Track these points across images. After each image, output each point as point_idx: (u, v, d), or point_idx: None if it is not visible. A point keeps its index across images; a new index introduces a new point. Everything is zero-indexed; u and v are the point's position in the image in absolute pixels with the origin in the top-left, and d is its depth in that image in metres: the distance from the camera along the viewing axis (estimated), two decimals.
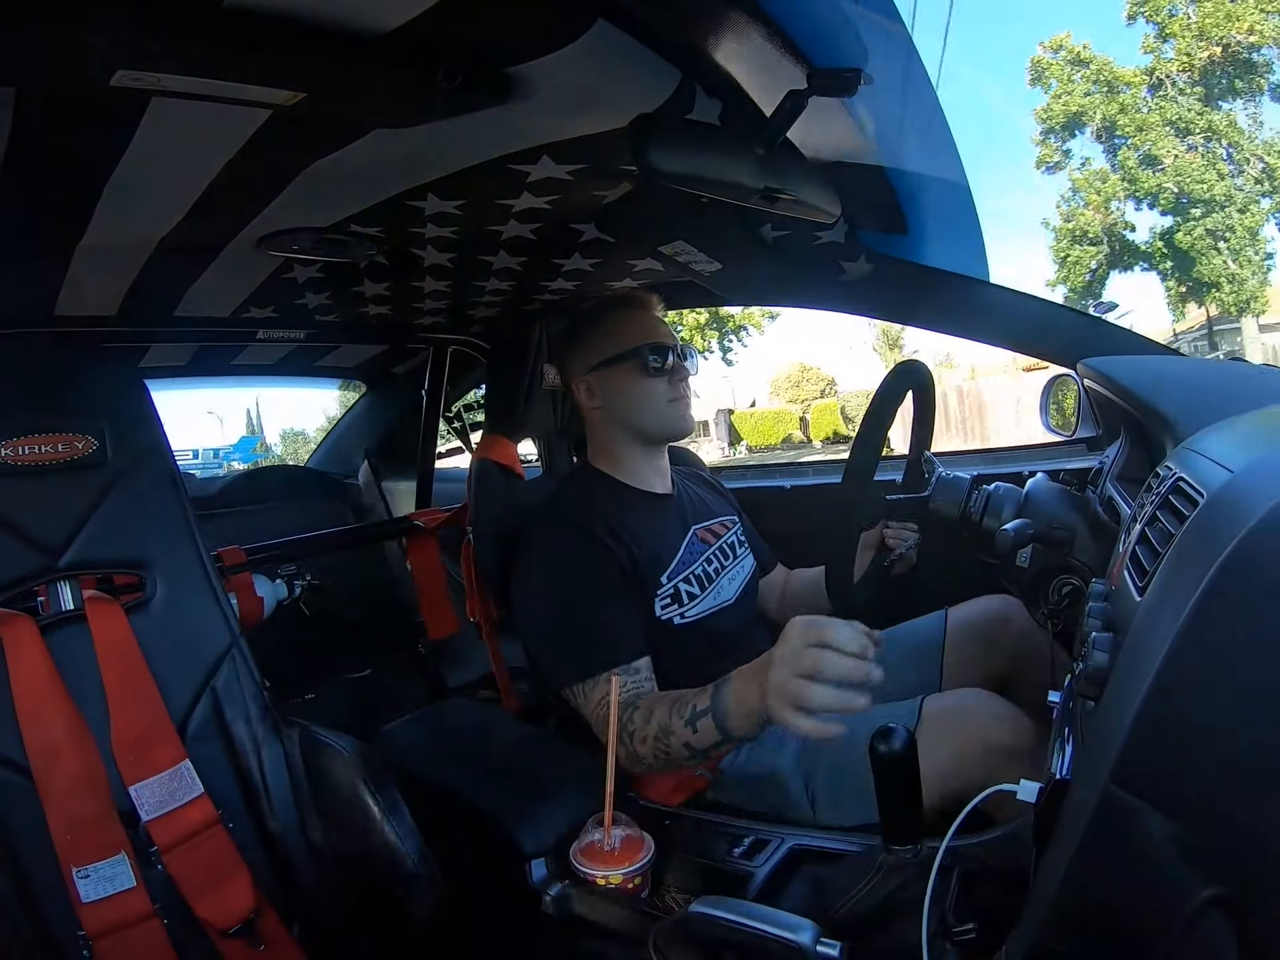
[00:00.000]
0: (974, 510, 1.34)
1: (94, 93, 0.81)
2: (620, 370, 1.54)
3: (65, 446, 1.21)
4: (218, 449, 18.67)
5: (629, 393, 1.55)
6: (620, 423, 1.58)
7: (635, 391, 1.55)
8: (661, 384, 1.54)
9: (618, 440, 1.60)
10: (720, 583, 1.58)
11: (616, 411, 1.57)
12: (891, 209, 1.50)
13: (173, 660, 1.25)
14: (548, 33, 0.83)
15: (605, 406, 1.57)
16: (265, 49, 0.78)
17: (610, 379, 1.55)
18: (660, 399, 1.55)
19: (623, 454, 1.60)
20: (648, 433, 1.58)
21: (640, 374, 1.53)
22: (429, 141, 1.03)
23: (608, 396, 1.56)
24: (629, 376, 1.54)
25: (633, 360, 1.53)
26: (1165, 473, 0.88)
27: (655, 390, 1.54)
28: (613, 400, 1.56)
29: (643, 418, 1.57)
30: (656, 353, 1.53)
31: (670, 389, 1.55)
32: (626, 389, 1.55)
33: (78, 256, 1.28)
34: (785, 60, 0.93)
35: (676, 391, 1.56)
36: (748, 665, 1.11)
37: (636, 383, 1.54)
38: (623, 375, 1.54)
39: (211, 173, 1.06)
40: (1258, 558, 0.54)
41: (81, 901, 1.08)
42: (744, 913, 0.91)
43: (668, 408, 1.56)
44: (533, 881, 1.18)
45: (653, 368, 1.53)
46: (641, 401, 1.55)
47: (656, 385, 1.54)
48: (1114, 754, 0.59)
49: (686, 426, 1.61)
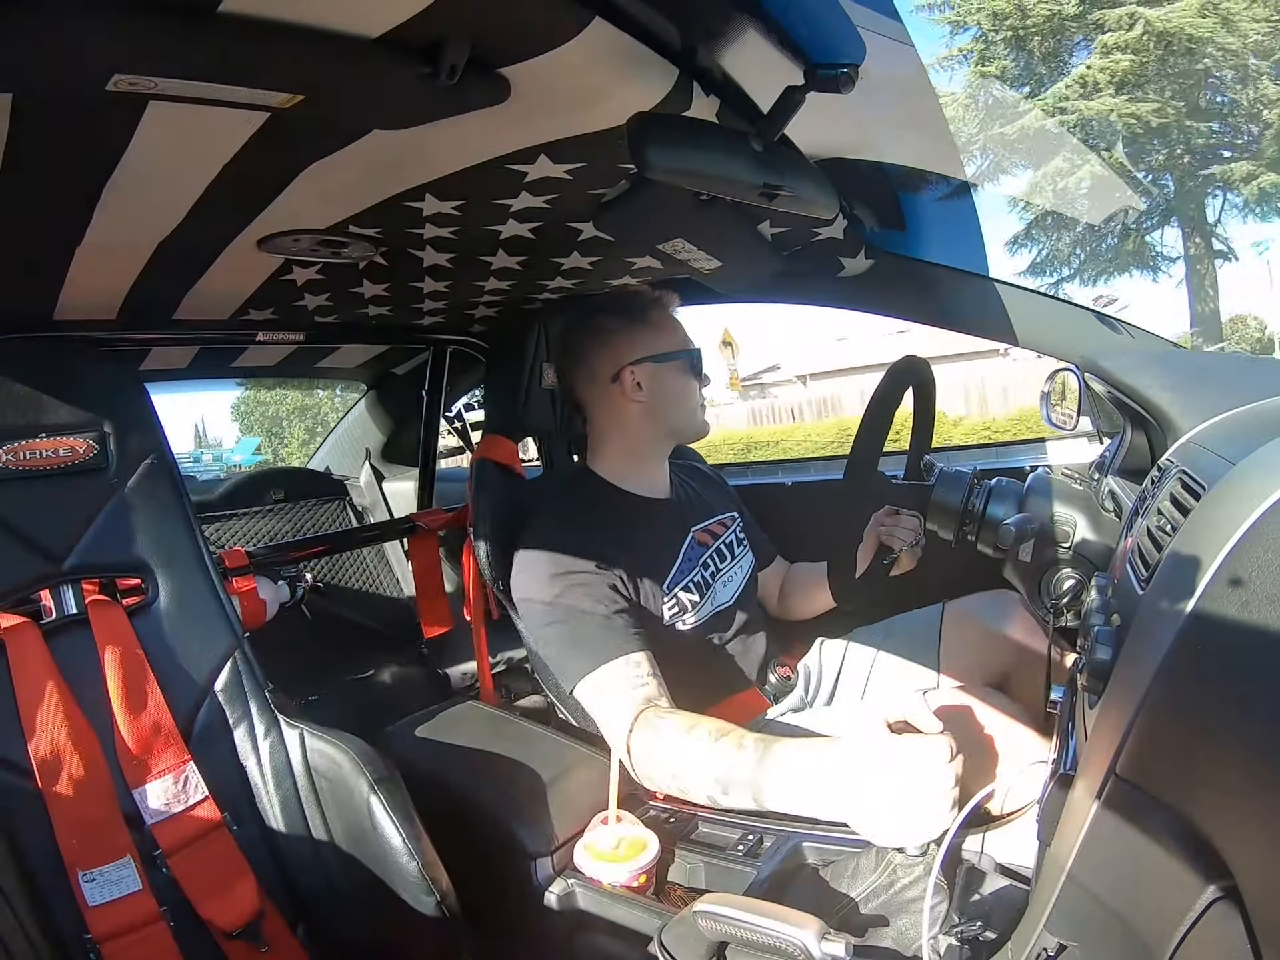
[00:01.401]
0: (976, 504, 1.34)
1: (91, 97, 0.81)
2: (674, 367, 1.58)
3: (67, 451, 1.22)
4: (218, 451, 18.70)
5: (678, 391, 1.59)
6: (659, 418, 1.59)
7: (683, 391, 1.59)
8: (698, 387, 1.61)
9: (642, 439, 1.61)
10: (717, 586, 1.58)
11: (659, 407, 1.58)
12: (890, 204, 1.50)
13: (176, 663, 1.25)
14: (544, 32, 0.83)
15: (649, 401, 1.58)
16: (262, 51, 0.78)
17: (663, 374, 1.58)
18: (697, 404, 1.62)
19: (635, 456, 1.62)
20: (682, 432, 1.64)
21: (689, 374, 1.59)
22: (427, 142, 1.03)
23: (656, 390, 1.58)
24: (680, 375, 1.59)
25: (685, 360, 1.59)
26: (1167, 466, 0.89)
27: (694, 394, 1.61)
28: (660, 395, 1.58)
29: (682, 416, 1.61)
30: (700, 357, 1.61)
31: (700, 393, 1.62)
32: (676, 386, 1.59)
33: (77, 260, 1.28)
34: (783, 56, 0.92)
35: (703, 395, 1.64)
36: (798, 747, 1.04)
37: (686, 384, 1.59)
38: (676, 372, 1.58)
39: (210, 175, 1.06)
40: (1260, 550, 0.54)
41: (88, 905, 1.08)
42: (749, 911, 0.91)
43: (699, 412, 1.62)
44: (537, 880, 1.18)
45: (698, 372, 1.60)
46: (686, 401, 1.60)
47: (696, 389, 1.61)
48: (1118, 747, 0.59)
49: (708, 429, 1.66)
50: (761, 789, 1.03)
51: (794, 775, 1.01)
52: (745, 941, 0.91)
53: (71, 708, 1.14)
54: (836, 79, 0.92)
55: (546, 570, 1.40)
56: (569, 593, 1.35)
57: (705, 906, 0.93)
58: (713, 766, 1.08)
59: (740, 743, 1.08)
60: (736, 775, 1.06)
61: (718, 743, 1.10)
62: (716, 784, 1.08)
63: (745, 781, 1.05)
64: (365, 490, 2.92)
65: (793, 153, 1.11)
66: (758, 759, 1.05)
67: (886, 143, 1.29)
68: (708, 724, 1.14)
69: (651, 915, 1.06)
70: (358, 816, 1.16)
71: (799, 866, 1.14)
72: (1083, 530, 1.26)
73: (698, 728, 1.14)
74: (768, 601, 1.81)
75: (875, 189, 1.43)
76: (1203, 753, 0.55)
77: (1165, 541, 0.70)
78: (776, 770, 1.03)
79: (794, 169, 1.09)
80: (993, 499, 1.33)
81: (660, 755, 1.16)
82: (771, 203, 1.08)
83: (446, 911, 1.11)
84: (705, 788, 1.10)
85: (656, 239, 1.36)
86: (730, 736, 1.10)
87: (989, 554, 1.35)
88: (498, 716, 1.59)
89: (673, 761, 1.14)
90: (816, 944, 0.85)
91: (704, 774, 1.09)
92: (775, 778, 1.02)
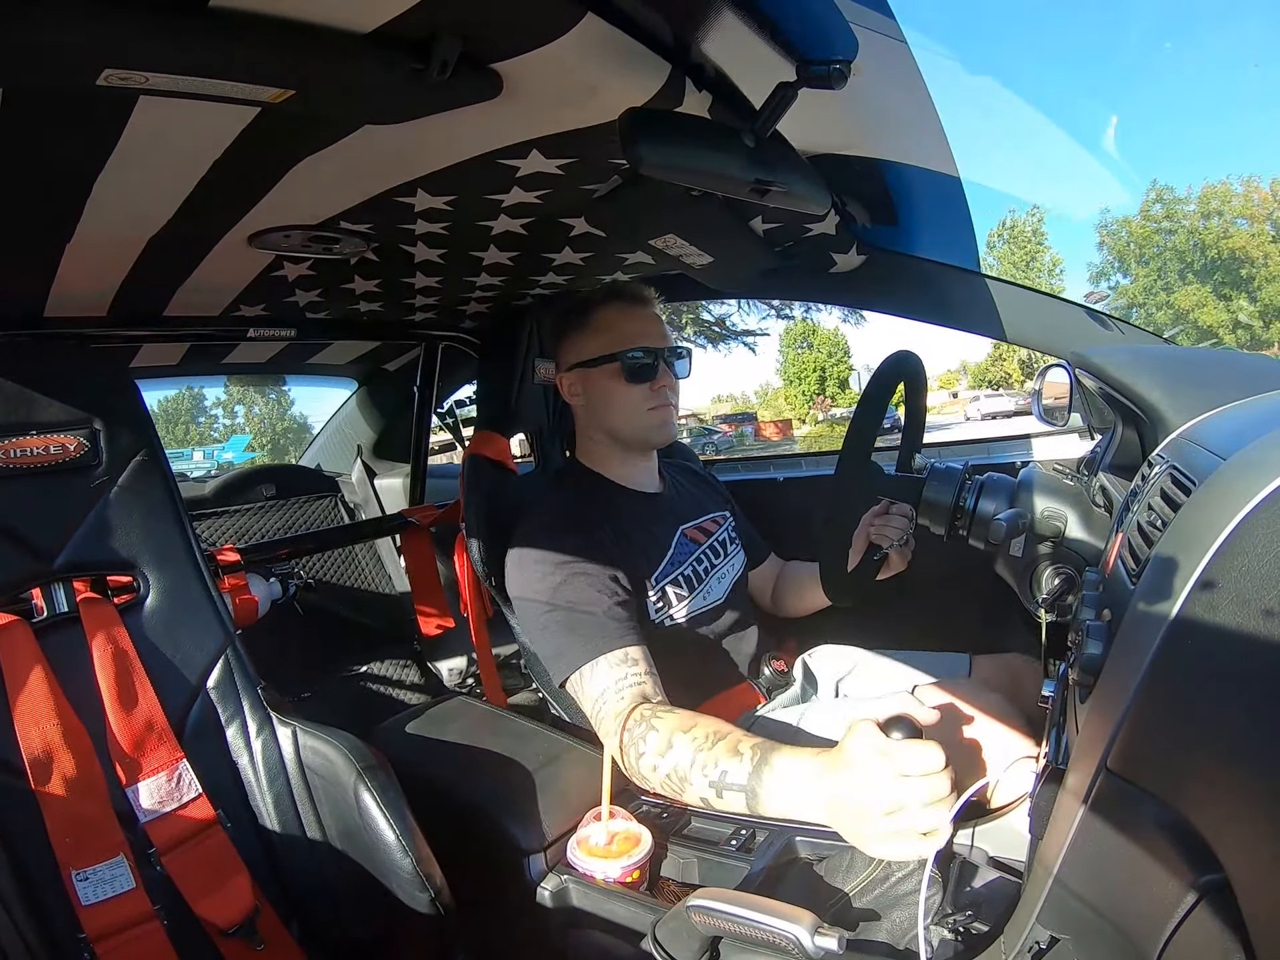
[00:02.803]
0: (967, 500, 1.34)
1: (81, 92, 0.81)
2: (602, 372, 1.53)
3: (57, 448, 1.21)
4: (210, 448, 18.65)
5: (608, 397, 1.53)
6: (600, 425, 1.57)
7: (614, 397, 1.53)
8: (641, 391, 1.52)
9: (599, 440, 1.59)
10: (709, 583, 1.58)
11: (596, 414, 1.56)
12: (882, 201, 1.50)
13: (168, 660, 1.25)
14: (536, 26, 0.83)
15: (586, 406, 1.57)
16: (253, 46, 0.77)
17: (591, 380, 1.54)
18: (638, 406, 1.53)
19: (607, 453, 1.60)
20: (627, 439, 1.57)
21: (619, 379, 1.51)
22: (418, 137, 1.02)
23: (588, 396, 1.56)
24: (609, 380, 1.52)
25: (614, 364, 1.51)
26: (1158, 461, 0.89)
27: (633, 397, 1.52)
28: (593, 402, 1.56)
29: (620, 423, 1.55)
30: (641, 357, 1.51)
31: (652, 396, 1.52)
32: (606, 393, 1.53)
33: (67, 257, 1.28)
34: (775, 52, 0.92)
35: (658, 398, 1.53)
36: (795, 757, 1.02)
37: (616, 388, 1.52)
38: (603, 378, 1.53)
39: (200, 171, 1.06)
40: (1250, 545, 0.54)
41: (81, 904, 1.08)
42: (742, 906, 0.91)
43: (646, 416, 1.53)
44: (531, 876, 1.18)
45: (633, 374, 1.51)
46: (620, 407, 1.53)
47: (635, 392, 1.52)
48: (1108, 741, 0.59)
49: (665, 435, 1.57)
50: (757, 797, 1.03)
51: (790, 786, 1.00)
52: (739, 936, 0.91)
53: (63, 706, 1.13)
54: (829, 75, 0.92)
55: (541, 565, 1.39)
56: (564, 587, 1.35)
57: (699, 901, 0.94)
58: (708, 770, 1.07)
59: (736, 748, 1.07)
60: (731, 781, 1.05)
61: (714, 747, 1.09)
62: (711, 788, 1.07)
63: (740, 788, 1.04)
64: (357, 487, 2.91)
65: (785, 149, 1.11)
66: (753, 767, 1.03)
67: (879, 139, 1.29)
68: (704, 726, 1.13)
69: (645, 910, 1.06)
70: (351, 813, 1.16)
71: (792, 861, 1.14)
72: (1074, 526, 1.26)
73: (694, 729, 1.13)
74: (761, 599, 1.81)
75: (867, 185, 1.43)
76: (1192, 746, 0.56)
77: (1155, 537, 0.70)
78: (772, 780, 1.02)
79: (786, 165, 1.09)
80: (984, 494, 1.33)
81: (654, 755, 1.14)
82: (763, 199, 1.08)
83: (440, 907, 1.12)
84: (699, 790, 1.09)
85: (648, 235, 1.36)
86: (726, 740, 1.09)
87: (980, 549, 1.35)
88: (490, 712, 1.59)
89: (667, 762, 1.13)
90: (810, 938, 0.85)
91: (698, 777, 1.08)
92: (771, 787, 1.01)
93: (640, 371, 1.51)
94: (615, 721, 1.21)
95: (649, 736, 1.16)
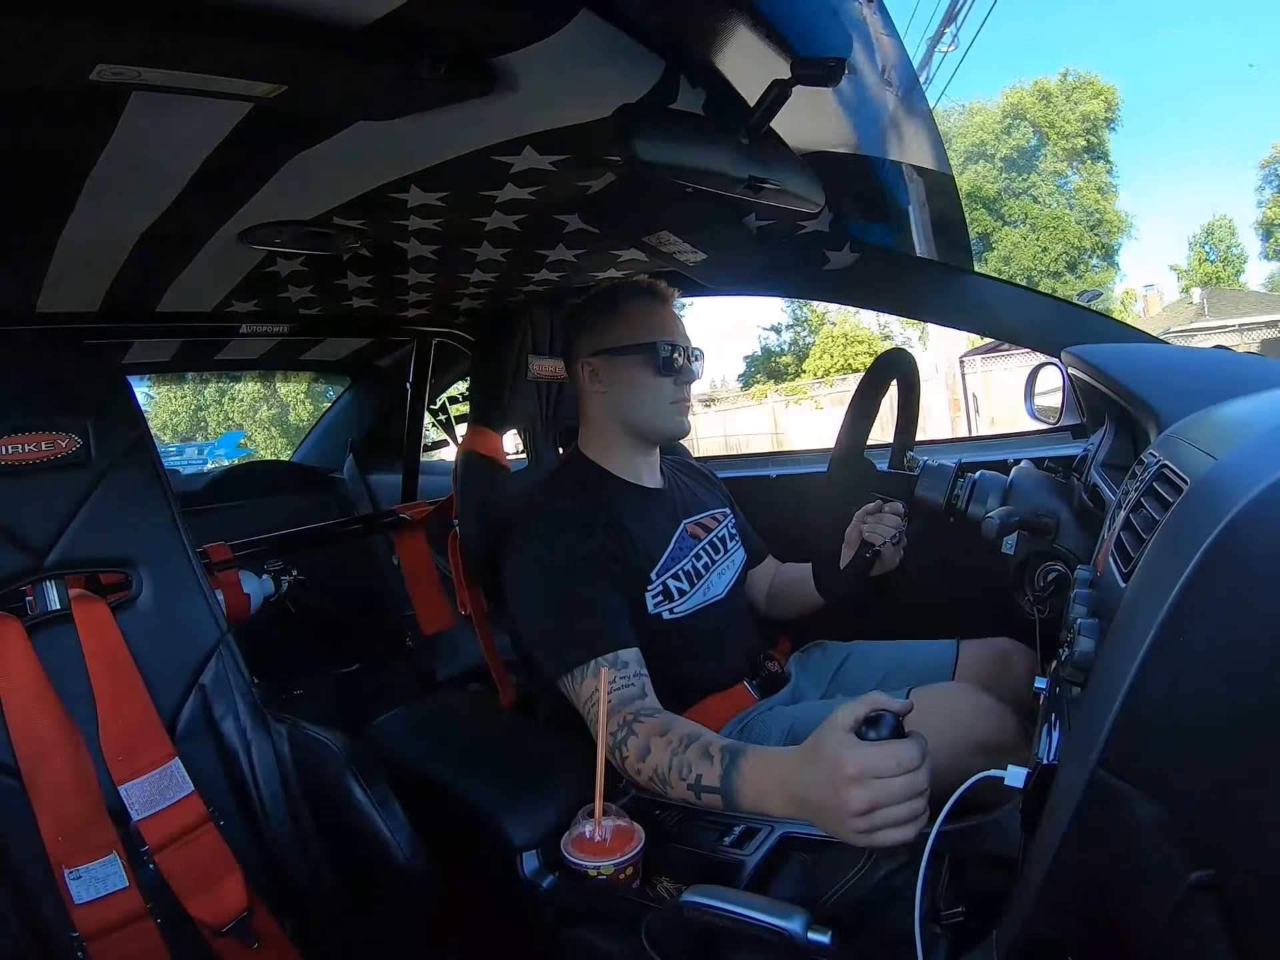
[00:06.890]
0: (959, 498, 1.34)
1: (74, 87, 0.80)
2: (631, 361, 1.53)
3: (49, 445, 1.20)
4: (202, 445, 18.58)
5: (635, 387, 1.54)
6: (618, 414, 1.57)
7: (641, 387, 1.53)
8: (668, 384, 1.53)
9: (612, 430, 1.59)
10: (710, 579, 1.58)
11: (618, 403, 1.56)
12: (876, 198, 1.50)
13: (160, 658, 1.24)
14: (531, 23, 0.83)
15: (607, 394, 1.56)
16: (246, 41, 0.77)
17: (617, 368, 1.54)
18: (664, 399, 1.54)
19: (615, 445, 1.59)
20: (645, 431, 1.58)
21: (650, 370, 1.52)
22: (411, 133, 1.02)
23: (611, 385, 1.55)
24: (638, 370, 1.53)
25: (645, 354, 1.52)
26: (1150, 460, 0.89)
27: (661, 389, 1.53)
28: (616, 390, 1.55)
29: (643, 415, 1.56)
30: (670, 351, 1.52)
31: (675, 390, 1.54)
32: (633, 382, 1.54)
33: (59, 253, 1.27)
34: (769, 49, 0.93)
35: (680, 394, 1.55)
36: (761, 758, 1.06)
37: (645, 378, 1.53)
38: (632, 367, 1.53)
39: (193, 166, 1.05)
40: (1242, 544, 0.54)
41: (74, 903, 1.07)
42: (735, 901, 0.92)
43: (669, 409, 1.55)
44: (524, 873, 1.18)
45: (664, 365, 1.52)
46: (645, 398, 1.54)
47: (663, 384, 1.53)
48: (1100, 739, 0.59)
49: (684, 429, 1.60)
50: (730, 797, 1.06)
51: (759, 790, 1.03)
52: (732, 932, 0.92)
53: (55, 704, 1.13)
54: (823, 72, 0.92)
55: (535, 562, 1.39)
56: (558, 585, 1.35)
57: (692, 897, 0.94)
58: (684, 774, 1.10)
59: (706, 751, 1.10)
60: (705, 784, 1.08)
61: (686, 751, 1.12)
62: (690, 790, 1.10)
63: (713, 789, 1.07)
64: (349, 483, 2.90)
65: (779, 146, 1.11)
66: (723, 770, 1.07)
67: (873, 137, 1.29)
68: (678, 729, 1.16)
69: (639, 906, 1.06)
70: (343, 811, 1.16)
71: (785, 856, 1.14)
72: (1066, 523, 1.27)
73: (669, 733, 1.16)
74: (755, 600, 1.81)
75: (861, 183, 1.43)
76: (1185, 743, 0.56)
77: (1147, 535, 0.71)
78: (740, 782, 1.05)
79: (780, 162, 1.09)
80: (976, 492, 1.33)
81: (635, 760, 1.17)
82: (757, 196, 1.08)
83: (433, 904, 1.12)
84: (679, 792, 1.12)
85: (642, 231, 1.36)
86: (698, 744, 1.11)
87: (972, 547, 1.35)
88: (483, 709, 1.59)
89: (648, 766, 1.16)
90: (803, 933, 0.86)
91: (677, 780, 1.11)
92: (740, 788, 1.05)
93: (670, 364, 1.52)
94: (602, 724, 1.21)
95: (629, 741, 1.18)
